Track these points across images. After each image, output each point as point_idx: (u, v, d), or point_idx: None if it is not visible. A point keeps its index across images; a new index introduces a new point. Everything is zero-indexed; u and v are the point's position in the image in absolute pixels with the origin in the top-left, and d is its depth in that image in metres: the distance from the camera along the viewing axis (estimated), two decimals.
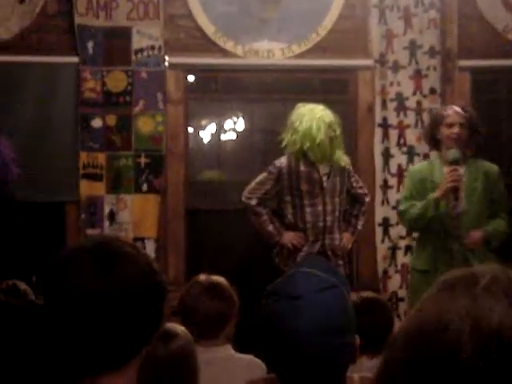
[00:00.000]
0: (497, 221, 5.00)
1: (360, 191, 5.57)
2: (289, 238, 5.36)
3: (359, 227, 5.55)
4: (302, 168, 5.34)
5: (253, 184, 5.42)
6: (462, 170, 4.88)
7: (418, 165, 5.55)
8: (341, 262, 5.40)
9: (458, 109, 4.99)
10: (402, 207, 5.09)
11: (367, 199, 5.60)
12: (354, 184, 5.54)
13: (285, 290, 1.95)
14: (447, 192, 4.79)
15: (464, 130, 4.92)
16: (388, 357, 0.81)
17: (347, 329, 1.92)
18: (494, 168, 5.09)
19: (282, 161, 5.38)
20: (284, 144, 5.41)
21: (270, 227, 5.39)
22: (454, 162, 4.81)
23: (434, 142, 5.05)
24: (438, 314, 0.78)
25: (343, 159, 5.44)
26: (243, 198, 5.43)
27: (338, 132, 5.37)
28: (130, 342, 1.65)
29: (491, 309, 0.76)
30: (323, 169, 5.37)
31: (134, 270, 1.66)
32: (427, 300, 0.82)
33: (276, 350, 1.92)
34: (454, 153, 4.83)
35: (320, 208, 5.35)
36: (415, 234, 5.43)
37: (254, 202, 5.38)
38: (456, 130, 4.90)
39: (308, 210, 5.35)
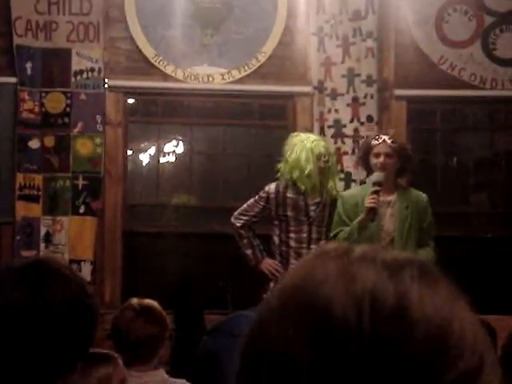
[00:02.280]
0: (425, 249, 5.10)
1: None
2: (266, 264, 5.45)
3: None
4: (290, 195, 5.42)
5: (243, 206, 5.52)
6: (392, 197, 5.00)
7: (351, 190, 5.65)
8: None
9: (386, 138, 5.10)
10: (332, 232, 5.18)
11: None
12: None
13: (225, 328, 1.97)
14: (367, 215, 4.90)
15: (390, 159, 5.03)
16: (262, 309, 0.81)
17: None
18: (423, 197, 5.20)
19: (271, 186, 5.49)
20: (279, 172, 5.52)
21: (249, 251, 5.50)
22: (376, 184, 4.92)
23: (368, 167, 5.16)
24: (311, 277, 0.78)
25: (336, 189, 5.50)
26: (232, 219, 5.52)
27: (331, 163, 5.45)
28: (54, 363, 1.64)
29: (365, 272, 0.76)
30: (313, 198, 5.44)
31: (64, 291, 1.65)
32: (303, 263, 0.83)
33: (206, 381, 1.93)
34: (376, 176, 4.96)
35: (305, 235, 5.41)
36: None
37: (239, 223, 5.48)
38: (381, 159, 5.01)
39: (292, 235, 5.42)
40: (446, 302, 0.77)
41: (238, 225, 5.48)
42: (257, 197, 5.50)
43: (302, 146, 5.40)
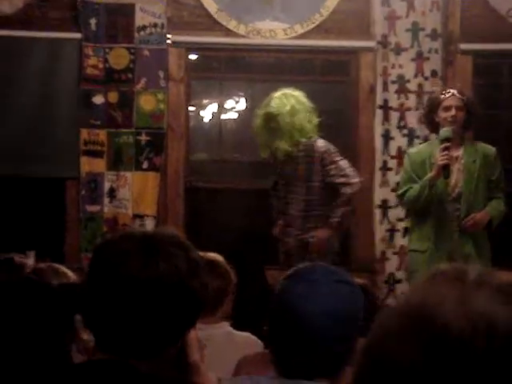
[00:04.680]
0: (495, 201, 5.06)
1: (337, 180, 5.38)
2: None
3: (336, 219, 5.40)
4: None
5: None
6: (460, 151, 4.95)
7: (417, 147, 5.57)
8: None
9: (454, 92, 5.03)
10: (400, 190, 5.15)
11: (344, 190, 5.36)
12: (332, 172, 5.40)
13: (302, 274, 1.99)
14: (439, 171, 4.85)
15: (460, 112, 4.98)
16: (381, 325, 0.85)
17: (352, 326, 1.94)
18: (491, 150, 5.14)
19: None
20: None
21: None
22: (445, 140, 4.88)
23: (433, 124, 5.10)
24: (428, 300, 0.82)
25: (284, 148, 5.40)
26: None
27: (281, 122, 5.37)
28: (164, 334, 1.68)
29: (479, 296, 0.80)
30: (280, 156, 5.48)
31: (169, 271, 1.67)
32: (421, 284, 0.86)
33: (282, 325, 1.95)
34: (445, 131, 4.91)
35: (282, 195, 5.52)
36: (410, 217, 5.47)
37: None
38: (452, 112, 4.96)
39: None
40: None
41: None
42: None
43: (268, 100, 5.47)
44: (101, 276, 1.69)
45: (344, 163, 5.41)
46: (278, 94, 5.48)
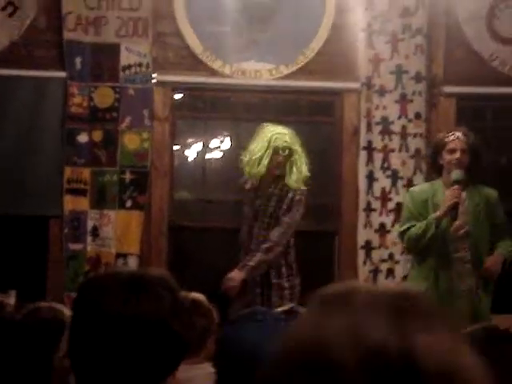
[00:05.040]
0: (503, 243, 5.09)
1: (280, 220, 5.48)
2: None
3: (251, 263, 5.43)
4: (247, 186, 5.58)
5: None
6: (463, 194, 4.99)
7: (419, 186, 5.60)
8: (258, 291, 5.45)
9: (459, 134, 5.05)
10: (401, 227, 5.16)
11: (273, 236, 5.45)
12: (283, 211, 5.48)
13: (246, 317, 1.99)
14: (448, 210, 4.88)
15: (465, 155, 5.00)
16: (269, 364, 0.81)
17: None
18: (493, 193, 5.18)
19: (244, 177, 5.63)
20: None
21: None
22: (457, 182, 4.91)
23: (437, 166, 5.13)
24: (318, 336, 0.78)
25: (297, 183, 5.43)
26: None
27: (295, 157, 5.43)
28: (141, 374, 1.66)
29: (370, 326, 0.77)
30: (265, 190, 5.49)
31: (151, 309, 1.67)
32: (305, 320, 0.82)
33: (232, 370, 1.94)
34: (457, 173, 4.94)
35: (246, 229, 5.56)
36: (409, 256, 5.48)
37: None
38: (457, 155, 4.97)
39: (244, 228, 5.58)
40: (451, 348, 0.78)
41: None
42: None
43: (263, 136, 5.43)
44: (84, 313, 1.68)
45: (291, 217, 5.42)
46: (283, 129, 5.50)
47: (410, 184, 6.09)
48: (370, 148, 6.25)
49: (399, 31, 6.21)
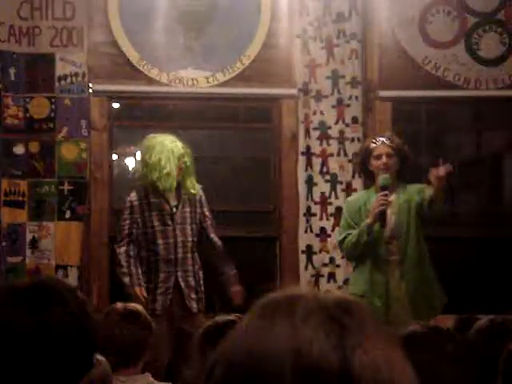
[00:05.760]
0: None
1: (209, 222, 5.53)
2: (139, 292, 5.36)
3: (232, 272, 5.50)
4: (152, 200, 5.42)
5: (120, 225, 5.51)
6: (392, 196, 5.01)
7: (355, 195, 5.70)
8: (194, 296, 5.40)
9: (383, 139, 5.12)
10: (339, 237, 5.22)
11: (212, 236, 5.52)
12: (207, 213, 5.54)
13: None
14: (376, 217, 4.92)
15: (392, 159, 5.06)
16: (207, 375, 0.81)
17: None
18: (421, 187, 5.14)
19: (132, 194, 5.49)
20: (136, 177, 5.55)
21: (126, 279, 5.41)
22: (384, 188, 4.95)
23: (367, 173, 5.19)
24: (259, 348, 0.78)
25: (195, 187, 5.48)
26: (115, 247, 5.50)
27: (189, 162, 5.45)
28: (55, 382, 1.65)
29: (311, 342, 0.78)
30: (172, 201, 5.44)
31: (64, 314, 1.66)
32: (246, 329, 0.82)
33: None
34: (383, 178, 4.98)
35: (171, 240, 5.39)
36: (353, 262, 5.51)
37: (122, 249, 5.43)
38: (383, 160, 5.04)
39: (160, 242, 5.39)
40: (386, 362, 0.80)
41: (119, 251, 5.44)
42: (123, 214, 5.47)
43: (162, 147, 5.40)
44: None
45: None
46: (168, 137, 5.51)
47: (349, 188, 6.15)
48: (308, 153, 6.28)
49: (334, 36, 6.26)
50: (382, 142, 5.11)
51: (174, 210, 5.42)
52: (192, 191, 5.46)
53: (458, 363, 2.18)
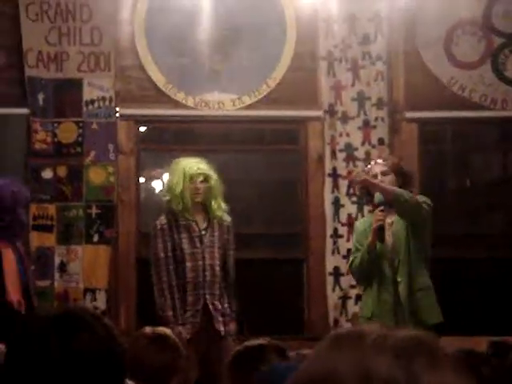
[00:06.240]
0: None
1: (231, 253, 5.50)
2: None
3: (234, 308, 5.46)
4: (182, 222, 5.39)
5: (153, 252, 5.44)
6: (392, 215, 4.97)
7: (363, 218, 5.69)
8: (220, 319, 5.34)
9: (376, 160, 5.20)
10: (350, 260, 5.25)
11: (228, 267, 5.48)
12: (231, 242, 5.50)
13: None
14: (375, 234, 4.93)
15: (387, 177, 5.06)
16: None
17: None
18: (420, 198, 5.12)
19: (161, 218, 5.44)
20: (164, 201, 5.49)
21: (169, 312, 5.34)
22: (380, 204, 4.94)
23: (369, 196, 5.17)
24: (327, 373, 0.80)
25: (220, 209, 5.42)
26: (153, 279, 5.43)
27: (212, 184, 5.39)
28: None
29: (378, 364, 0.78)
30: (201, 223, 5.42)
31: (92, 341, 1.68)
32: (316, 356, 0.84)
33: None
34: (378, 196, 4.97)
35: (200, 263, 5.36)
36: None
37: (156, 277, 5.37)
38: (379, 179, 5.04)
39: (189, 264, 5.35)
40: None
41: (154, 280, 5.38)
42: (154, 240, 5.40)
43: (175, 168, 5.40)
44: (20, 362, 1.69)
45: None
46: (188, 159, 5.48)
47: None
48: (335, 175, 6.28)
49: (359, 58, 6.27)
50: (376, 162, 5.18)
51: (204, 232, 5.42)
52: (218, 213, 5.43)
53: None
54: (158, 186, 6.73)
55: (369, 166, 5.19)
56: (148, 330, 3.39)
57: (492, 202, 6.61)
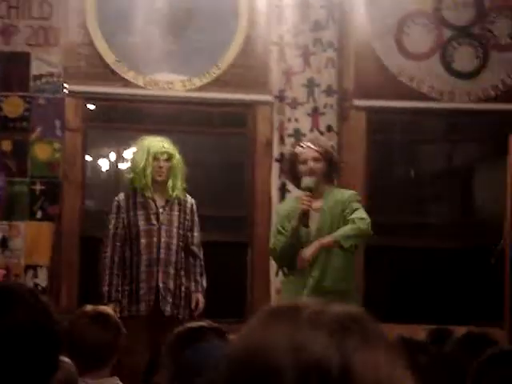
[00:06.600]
0: (346, 226, 4.89)
1: (195, 233, 5.51)
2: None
3: (205, 286, 5.48)
4: (139, 199, 5.39)
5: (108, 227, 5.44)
6: (318, 201, 4.89)
7: (285, 201, 5.64)
8: (170, 299, 5.32)
9: (309, 144, 5.04)
10: (270, 243, 5.11)
11: (193, 247, 5.49)
12: (195, 223, 5.50)
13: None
14: (300, 218, 4.83)
15: (318, 163, 4.94)
16: (214, 374, 0.83)
17: None
18: (350, 194, 5.05)
19: (120, 194, 5.46)
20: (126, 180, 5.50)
21: (105, 288, 5.35)
22: (307, 189, 4.86)
23: (296, 179, 5.09)
24: (261, 345, 0.80)
25: (177, 188, 5.42)
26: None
27: (175, 162, 5.39)
28: None
29: (312, 340, 0.79)
30: (160, 201, 5.42)
31: (27, 317, 1.66)
32: (251, 329, 0.84)
33: None
34: (306, 181, 4.88)
35: (155, 240, 5.35)
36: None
37: (107, 253, 5.38)
38: (309, 165, 4.92)
39: (143, 241, 5.35)
40: (387, 365, 0.81)
41: (104, 255, 5.40)
42: (110, 216, 5.41)
43: (139, 146, 5.42)
44: None
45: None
46: (151, 137, 5.48)
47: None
48: (282, 160, 6.29)
49: (310, 44, 6.28)
50: (308, 146, 4.99)
51: (161, 210, 5.40)
52: (177, 193, 5.40)
53: (431, 375, 2.19)
54: (104, 164, 6.68)
55: (299, 149, 5.01)
56: (89, 308, 3.37)
57: (438, 192, 6.70)
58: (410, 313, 6.18)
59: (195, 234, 5.50)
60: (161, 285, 5.32)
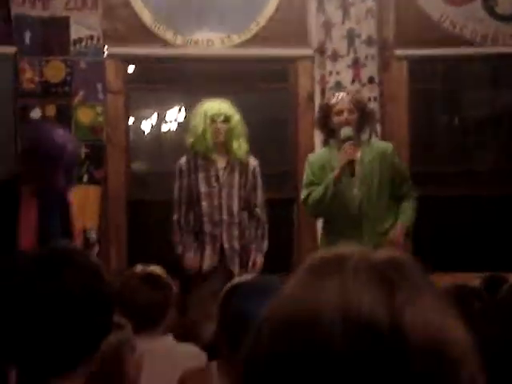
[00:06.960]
0: (405, 204, 5.05)
1: (259, 196, 5.50)
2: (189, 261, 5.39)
3: (265, 249, 5.49)
4: (200, 162, 5.41)
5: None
6: (358, 152, 4.93)
7: (317, 152, 5.63)
8: (237, 260, 5.38)
9: (343, 95, 5.07)
10: (303, 194, 5.13)
11: (256, 210, 5.50)
12: (258, 185, 5.50)
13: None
14: (343, 168, 4.86)
15: (353, 115, 4.98)
16: (252, 349, 0.80)
17: None
18: (388, 147, 5.13)
19: (182, 158, 5.49)
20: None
21: (180, 249, 5.46)
22: (347, 139, 4.87)
23: (328, 130, 5.10)
24: (308, 305, 0.78)
25: (241, 150, 5.42)
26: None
27: (234, 124, 5.38)
28: (75, 348, 1.67)
29: (360, 297, 0.77)
30: (220, 163, 5.42)
31: (78, 280, 1.68)
32: (294, 286, 0.82)
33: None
34: (345, 130, 4.90)
35: (216, 202, 5.38)
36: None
37: (174, 217, 5.46)
38: (345, 115, 4.95)
39: (204, 203, 5.38)
40: (436, 316, 0.79)
41: (174, 218, 5.46)
42: (174, 181, 5.46)
43: (197, 111, 5.41)
44: (6, 296, 1.69)
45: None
46: (211, 100, 5.47)
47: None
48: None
49: None
50: (342, 97, 5.03)
51: (221, 172, 5.41)
52: (238, 154, 5.40)
53: (485, 321, 2.18)
54: (147, 126, 6.70)
55: (334, 101, 5.04)
56: (139, 268, 3.40)
57: (482, 139, 6.61)
58: (462, 261, 6.14)
59: (258, 196, 5.50)
60: (226, 245, 5.36)
